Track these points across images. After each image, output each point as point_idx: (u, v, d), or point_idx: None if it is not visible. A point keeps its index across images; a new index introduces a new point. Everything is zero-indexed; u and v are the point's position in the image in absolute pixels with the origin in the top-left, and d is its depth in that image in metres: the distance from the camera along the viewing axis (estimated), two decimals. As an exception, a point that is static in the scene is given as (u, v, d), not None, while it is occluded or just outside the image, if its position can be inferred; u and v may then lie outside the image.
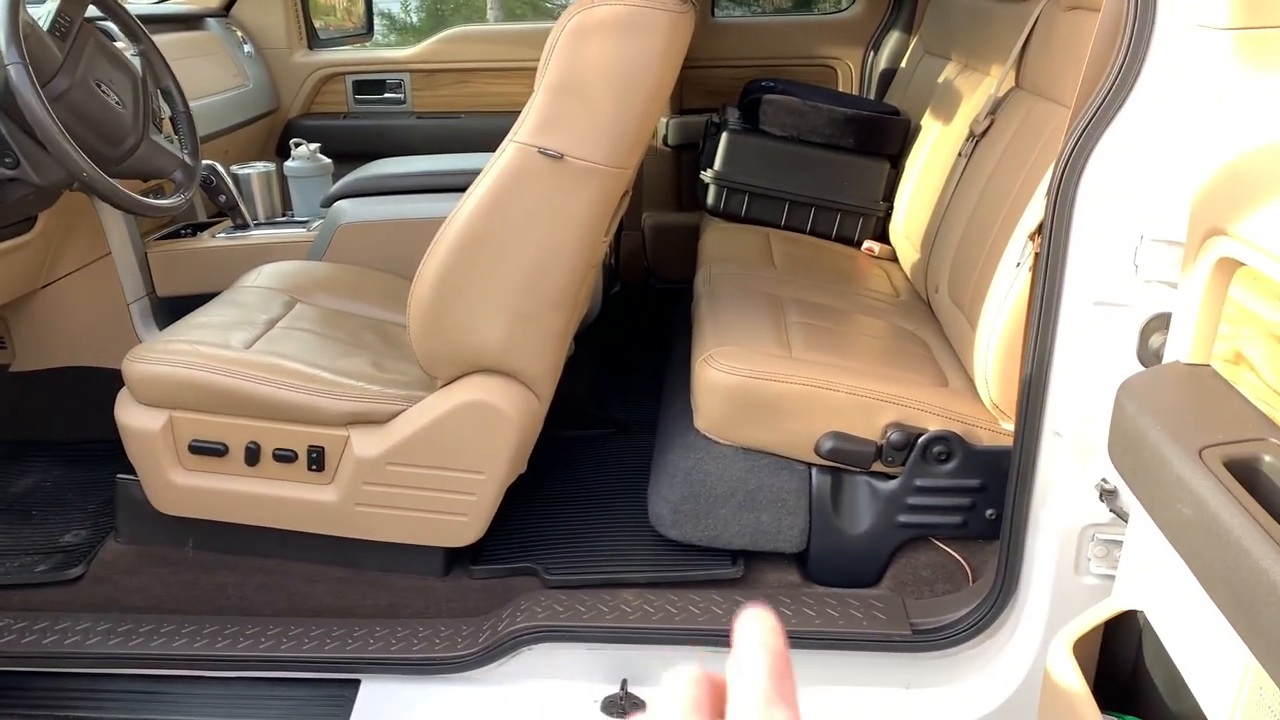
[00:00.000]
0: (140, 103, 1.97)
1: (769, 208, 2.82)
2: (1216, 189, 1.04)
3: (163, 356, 1.77)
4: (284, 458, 1.76)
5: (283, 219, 2.61)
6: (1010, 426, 1.59)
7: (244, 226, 2.50)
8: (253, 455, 1.77)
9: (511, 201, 1.61)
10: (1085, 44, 1.42)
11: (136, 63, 2.01)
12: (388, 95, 3.41)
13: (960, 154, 2.24)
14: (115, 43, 2.00)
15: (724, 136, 2.80)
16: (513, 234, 1.62)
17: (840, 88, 3.36)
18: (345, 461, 1.75)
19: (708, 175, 2.84)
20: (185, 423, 1.77)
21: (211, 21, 3.15)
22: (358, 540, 1.81)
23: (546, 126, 1.57)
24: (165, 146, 2.04)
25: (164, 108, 2.13)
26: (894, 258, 2.69)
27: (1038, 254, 1.40)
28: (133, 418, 1.79)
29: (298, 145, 2.66)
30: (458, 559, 1.86)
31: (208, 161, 2.40)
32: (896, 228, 2.67)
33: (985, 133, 2.16)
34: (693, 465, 1.77)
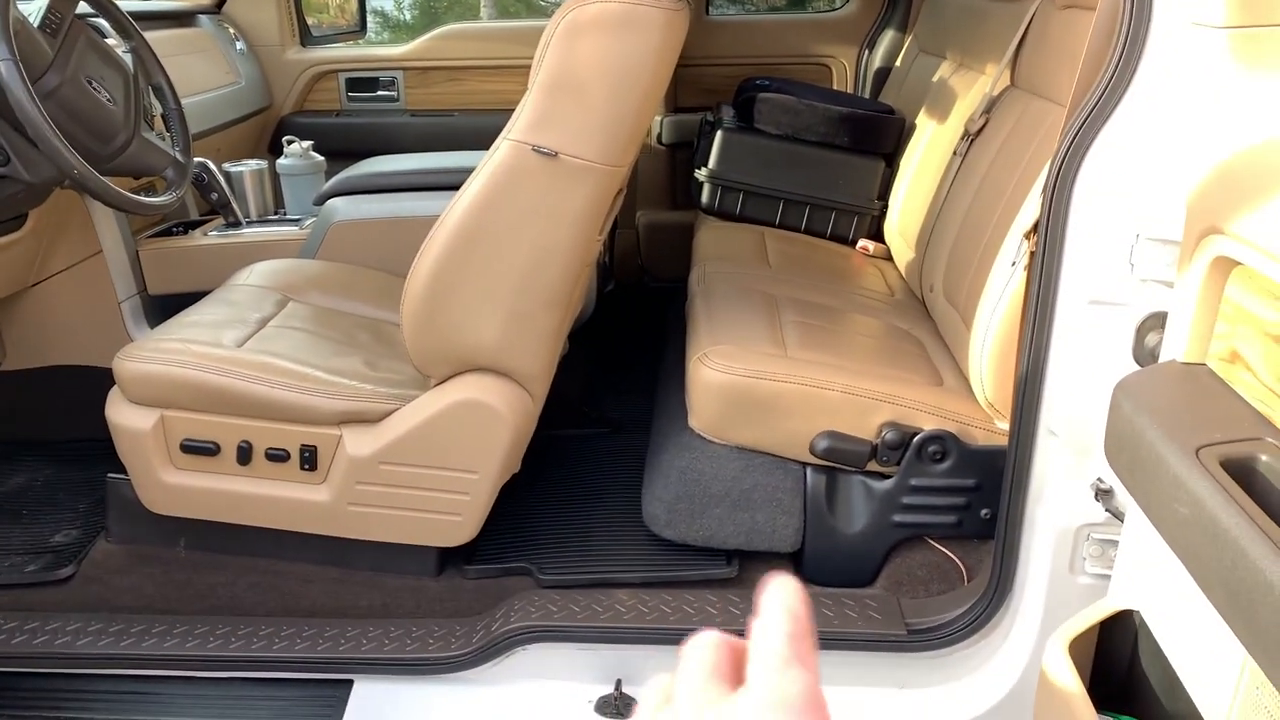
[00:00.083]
0: (132, 100, 1.96)
1: (764, 206, 2.82)
2: (1213, 188, 1.04)
3: (154, 355, 1.76)
4: (276, 457, 1.75)
5: (275, 217, 2.60)
6: (1005, 426, 1.59)
7: (236, 224, 2.50)
8: (245, 454, 1.76)
9: (505, 199, 1.60)
10: (1080, 42, 1.41)
11: (128, 59, 2.00)
12: (381, 93, 3.40)
13: (955, 153, 2.24)
14: (106, 39, 1.99)
15: (718, 135, 2.79)
16: (507, 232, 1.62)
17: (835, 86, 3.36)
18: (338, 461, 1.74)
19: (702, 173, 2.84)
20: (177, 422, 1.76)
21: (203, 18, 3.13)
22: (350, 540, 1.80)
23: (541, 124, 1.56)
24: (157, 144, 2.03)
25: (155, 105, 2.12)
26: (889, 256, 2.69)
27: (1033, 253, 1.40)
28: (124, 417, 1.78)
29: (290, 143, 2.65)
30: (451, 559, 1.85)
31: (200, 159, 2.39)
32: (891, 226, 2.67)
33: (980, 131, 2.16)
34: (687, 464, 1.76)
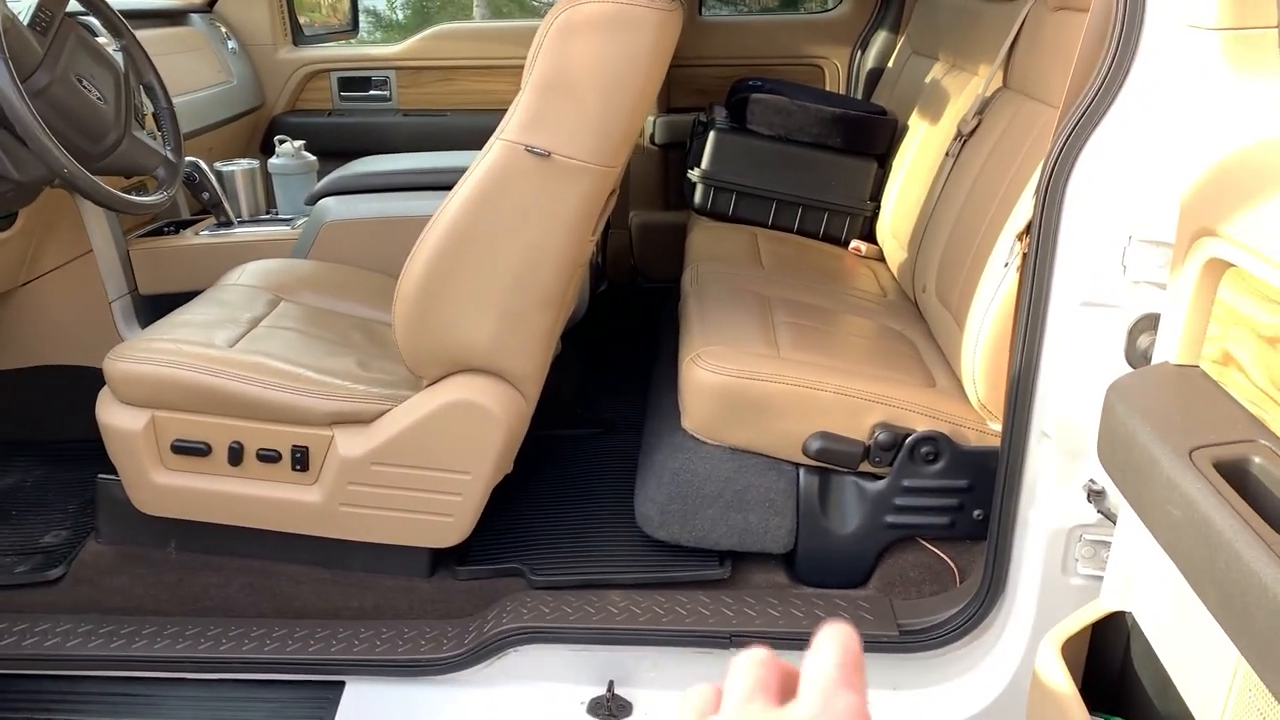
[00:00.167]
0: (122, 99, 1.95)
1: (756, 207, 2.82)
2: (1206, 189, 1.04)
3: (145, 355, 1.75)
4: (268, 458, 1.74)
5: (267, 217, 2.59)
6: (998, 427, 1.59)
7: (228, 224, 2.49)
8: (236, 455, 1.75)
9: (498, 199, 1.59)
10: (1073, 44, 1.42)
11: (119, 58, 1.99)
12: (373, 92, 3.39)
13: (948, 154, 2.24)
14: (97, 38, 1.98)
15: (711, 135, 2.79)
16: (499, 232, 1.61)
17: (827, 87, 3.36)
18: (330, 461, 1.74)
19: (695, 174, 2.84)
20: (167, 422, 1.75)
21: (195, 17, 3.12)
22: (342, 541, 1.79)
23: (533, 124, 1.56)
24: (148, 143, 2.02)
25: (146, 104, 2.11)
26: (881, 257, 2.70)
27: (1025, 254, 1.40)
28: (114, 417, 1.77)
29: (282, 142, 2.64)
30: (443, 560, 1.85)
31: (191, 158, 2.38)
32: (884, 227, 2.68)
33: (973, 133, 2.16)
34: (680, 465, 1.76)
